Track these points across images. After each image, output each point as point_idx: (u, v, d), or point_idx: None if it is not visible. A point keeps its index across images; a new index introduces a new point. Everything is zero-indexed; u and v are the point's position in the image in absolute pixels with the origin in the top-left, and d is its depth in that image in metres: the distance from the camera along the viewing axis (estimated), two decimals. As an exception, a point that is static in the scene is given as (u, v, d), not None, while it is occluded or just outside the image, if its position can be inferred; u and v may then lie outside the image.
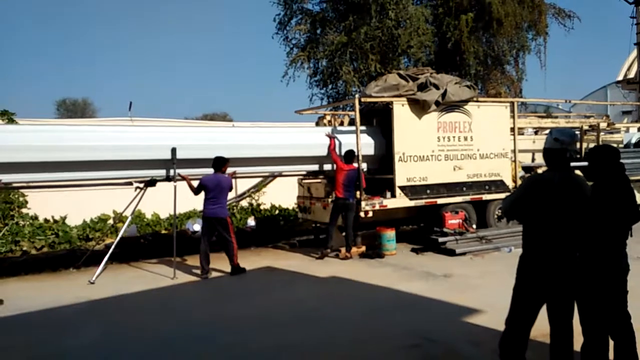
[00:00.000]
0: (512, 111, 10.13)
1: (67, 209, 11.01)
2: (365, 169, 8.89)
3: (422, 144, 8.96)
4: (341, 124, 10.61)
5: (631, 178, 11.43)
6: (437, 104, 8.93)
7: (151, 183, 7.86)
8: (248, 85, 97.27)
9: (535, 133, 12.82)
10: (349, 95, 14.52)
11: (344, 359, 4.30)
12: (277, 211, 13.26)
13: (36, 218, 10.85)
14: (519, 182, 9.60)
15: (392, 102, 8.75)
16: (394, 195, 8.75)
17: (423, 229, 9.79)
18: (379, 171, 9.20)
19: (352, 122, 9.82)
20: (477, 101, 9.63)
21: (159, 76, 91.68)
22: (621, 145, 12.46)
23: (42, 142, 6.81)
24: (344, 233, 8.61)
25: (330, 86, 15.69)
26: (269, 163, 8.63)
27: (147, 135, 7.78)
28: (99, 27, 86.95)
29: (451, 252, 8.42)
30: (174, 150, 7.42)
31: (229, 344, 4.72)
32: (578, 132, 12.15)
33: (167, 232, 10.97)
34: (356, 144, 8.54)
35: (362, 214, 8.56)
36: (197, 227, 10.43)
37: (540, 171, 10.84)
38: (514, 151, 9.98)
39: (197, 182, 7.55)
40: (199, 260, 7.56)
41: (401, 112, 8.81)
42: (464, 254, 8.37)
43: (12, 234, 9.94)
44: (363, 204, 8.49)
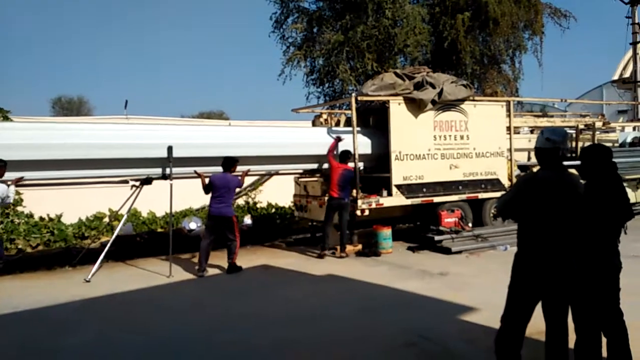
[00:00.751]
0: (508, 110, 10.17)
1: (63, 207, 10.98)
2: (361, 167, 8.91)
3: (419, 142, 8.98)
4: (337, 122, 10.62)
5: (626, 177, 11.56)
6: (433, 102, 8.95)
7: (147, 181, 7.85)
8: (244, 84, 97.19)
9: (531, 132, 12.85)
10: (346, 94, 14.52)
11: (340, 357, 4.30)
12: (273, 209, 13.26)
13: (31, 216, 10.80)
14: (515, 181, 9.64)
15: (388, 101, 8.76)
16: (390, 194, 8.77)
17: (419, 227, 9.82)
18: (375, 170, 9.21)
19: (348, 121, 9.83)
20: (474, 100, 9.66)
21: (155, 74, 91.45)
22: (616, 145, 12.52)
23: (38, 140, 6.79)
24: (339, 232, 8.62)
25: (326, 85, 15.68)
26: (265, 162, 8.62)
27: (143, 133, 7.76)
28: (94, 25, 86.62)
29: (447, 251, 8.44)
30: (170, 149, 7.40)
31: (225, 342, 4.72)
32: (574, 131, 12.23)
33: (163, 231, 10.94)
34: (353, 142, 8.55)
35: (358, 212, 8.57)
36: (193, 225, 10.42)
37: (535, 170, 10.97)
38: (510, 150, 10.02)
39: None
40: (197, 257, 7.59)
41: (397, 110, 8.82)
42: (459, 252, 8.39)
43: (7, 232, 9.89)
44: (359, 202, 8.51)
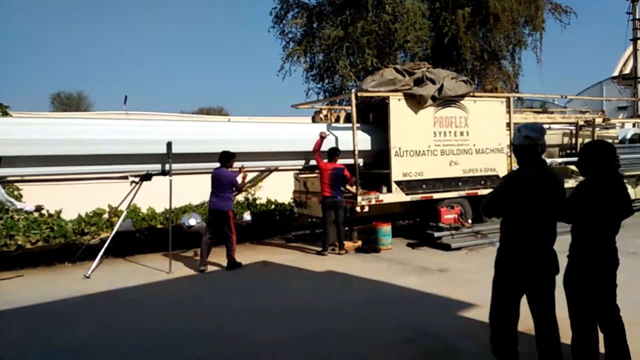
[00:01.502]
0: (508, 106, 10.16)
1: (62, 203, 10.96)
2: (361, 164, 8.90)
3: (418, 138, 8.97)
4: (337, 118, 10.60)
5: (626, 173, 11.54)
6: (433, 98, 8.93)
7: (147, 177, 7.84)
8: (244, 80, 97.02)
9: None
10: (346, 90, 14.49)
11: (340, 353, 4.31)
12: (273, 206, 13.26)
13: (31, 212, 10.79)
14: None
15: (388, 97, 8.75)
16: (390, 190, 8.77)
17: (419, 223, 9.82)
18: (375, 166, 9.20)
19: (348, 116, 9.82)
20: (474, 96, 9.64)
21: (154, 70, 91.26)
22: (616, 141, 12.52)
23: (38, 135, 6.77)
24: (337, 229, 8.61)
25: (326, 81, 15.63)
26: (265, 158, 8.62)
27: (142, 129, 7.75)
28: (94, 21, 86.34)
29: (447, 247, 8.45)
30: (169, 145, 7.39)
31: (226, 338, 4.73)
32: (573, 128, 12.22)
33: (163, 227, 10.94)
34: (353, 138, 8.54)
35: (358, 208, 8.57)
36: (193, 221, 10.42)
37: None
38: (509, 146, 10.00)
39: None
40: (198, 253, 7.62)
41: (397, 106, 8.80)
42: (459, 248, 8.40)
43: (6, 227, 9.89)
44: (359, 198, 8.51)
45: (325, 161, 8.40)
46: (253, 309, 5.66)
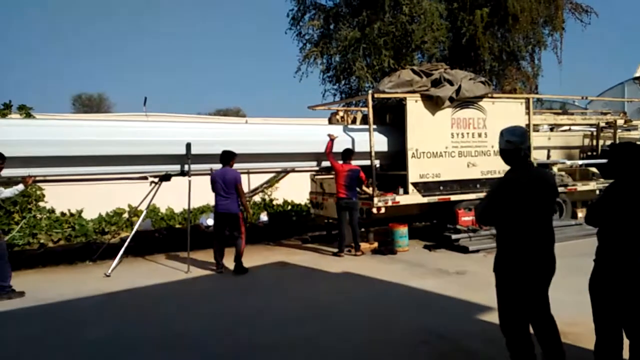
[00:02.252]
0: (528, 107, 10.04)
1: (83, 202, 11.19)
2: (377, 165, 8.89)
3: (436, 140, 8.93)
4: (354, 120, 10.61)
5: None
6: (451, 100, 8.88)
7: (166, 178, 7.96)
8: (261, 81, 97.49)
9: (551, 130, 12.67)
10: (362, 91, 14.46)
11: (356, 354, 4.32)
12: (289, 206, 13.33)
13: (53, 211, 11.03)
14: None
15: (405, 98, 8.73)
16: (406, 192, 8.75)
17: (436, 225, 9.77)
18: (392, 167, 9.18)
19: (365, 118, 9.81)
20: (492, 97, 9.56)
21: (172, 72, 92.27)
22: (639, 143, 12.25)
23: (60, 137, 6.92)
24: (352, 231, 8.60)
25: (343, 82, 15.62)
26: (281, 159, 8.67)
27: (162, 130, 7.86)
28: (114, 23, 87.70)
29: (464, 249, 8.39)
30: (188, 146, 7.48)
31: (243, 337, 4.77)
32: (594, 129, 12.00)
33: (181, 227, 11.08)
34: (369, 140, 8.54)
35: (374, 210, 8.56)
36: (211, 221, 10.52)
37: (555, 168, 10.82)
38: (529, 148, 9.86)
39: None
40: (213, 255, 7.65)
41: (414, 108, 8.78)
42: (477, 251, 8.34)
43: (29, 227, 10.13)
44: (375, 199, 8.50)
45: (341, 162, 8.41)
46: (269, 308, 5.70)
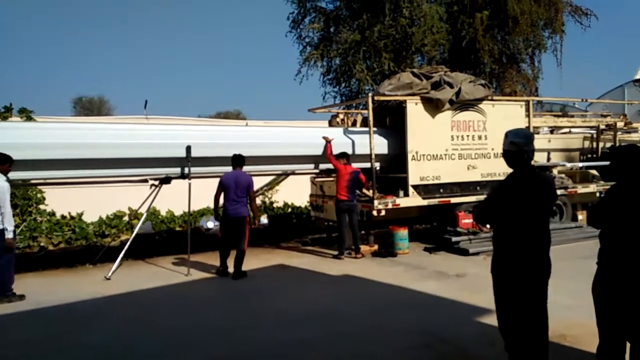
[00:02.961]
0: (528, 110, 10.05)
1: (84, 205, 11.20)
2: (378, 167, 8.89)
3: (436, 142, 8.93)
4: (354, 122, 10.62)
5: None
6: (451, 102, 8.89)
7: (166, 180, 7.96)
8: (261, 84, 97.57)
9: (551, 132, 12.67)
10: (362, 94, 14.49)
11: (356, 356, 4.31)
12: (289, 209, 13.32)
13: (53, 214, 11.04)
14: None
15: (405, 101, 8.73)
16: (407, 194, 8.74)
17: (436, 228, 9.76)
18: (392, 170, 9.18)
19: (365, 120, 9.82)
20: (492, 100, 9.57)
21: (172, 75, 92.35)
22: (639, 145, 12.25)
23: (61, 139, 6.92)
24: (352, 234, 8.60)
25: (343, 84, 15.67)
26: (281, 161, 8.67)
27: (162, 133, 7.86)
28: (113, 26, 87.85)
29: (464, 252, 8.38)
30: (188, 148, 7.48)
31: (243, 339, 4.77)
32: (594, 132, 12.01)
33: (182, 229, 11.08)
34: (369, 142, 8.54)
35: (374, 212, 8.56)
36: (211, 224, 10.52)
37: (555, 171, 10.82)
38: (533, 151, 9.85)
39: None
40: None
41: (414, 110, 8.78)
42: (477, 253, 8.32)
43: (30, 229, 10.13)
44: (376, 202, 8.49)
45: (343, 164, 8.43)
46: (270, 311, 5.69)
